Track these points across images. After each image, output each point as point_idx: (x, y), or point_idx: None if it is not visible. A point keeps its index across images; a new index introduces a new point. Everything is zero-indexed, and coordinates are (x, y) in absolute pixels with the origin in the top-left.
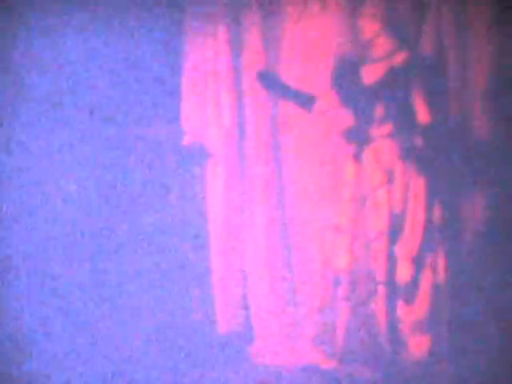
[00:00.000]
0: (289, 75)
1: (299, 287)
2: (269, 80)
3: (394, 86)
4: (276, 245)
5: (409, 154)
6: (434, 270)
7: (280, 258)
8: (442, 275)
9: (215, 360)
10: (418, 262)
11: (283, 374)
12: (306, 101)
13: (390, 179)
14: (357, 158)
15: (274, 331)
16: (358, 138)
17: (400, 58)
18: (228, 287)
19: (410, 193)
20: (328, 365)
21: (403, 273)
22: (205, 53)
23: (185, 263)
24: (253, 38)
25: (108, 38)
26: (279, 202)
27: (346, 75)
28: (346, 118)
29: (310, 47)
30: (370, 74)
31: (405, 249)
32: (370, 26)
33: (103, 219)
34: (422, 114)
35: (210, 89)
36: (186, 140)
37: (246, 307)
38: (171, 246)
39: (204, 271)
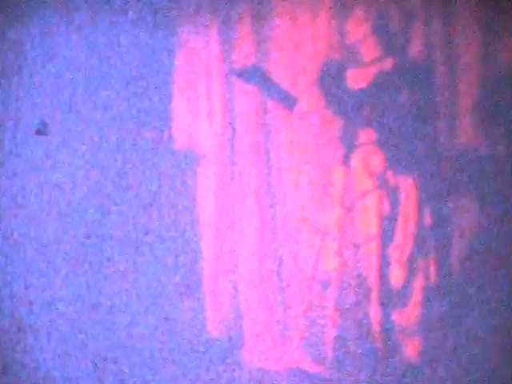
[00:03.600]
0: (276, 75)
1: (289, 290)
2: (254, 74)
3: (382, 90)
4: (266, 248)
5: (399, 158)
6: (426, 274)
7: (270, 262)
8: (433, 279)
9: (204, 363)
10: (409, 266)
11: (272, 378)
12: (288, 100)
13: (380, 184)
14: (346, 162)
15: (264, 334)
16: (348, 142)
17: (388, 62)
18: (218, 291)
19: (400, 197)
20: (317, 369)
21: (395, 277)
22: (196, 55)
23: (175, 266)
24: (243, 39)
25: (94, 39)
26: (270, 206)
27: (333, 79)
28: (335, 122)
29: (298, 49)
30: (358, 79)
31: (396, 253)
32: (358, 30)
33: (94, 222)
34: (411, 118)
35: (201, 92)
36: (177, 143)
37: (236, 310)
38: (161, 250)
39: (194, 274)
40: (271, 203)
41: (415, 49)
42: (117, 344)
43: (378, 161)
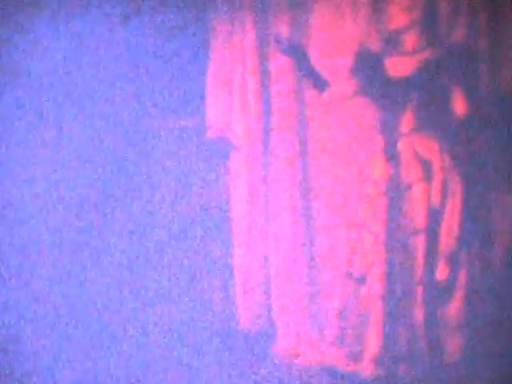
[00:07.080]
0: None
1: (324, 285)
2: (295, 49)
3: (426, 79)
4: (300, 241)
5: (445, 148)
6: (470, 269)
7: (304, 255)
8: (477, 275)
9: (236, 358)
10: (453, 261)
11: (305, 375)
12: (319, 82)
13: (425, 175)
14: (388, 152)
15: (296, 330)
16: (390, 132)
17: (432, 50)
18: (250, 285)
19: (446, 189)
20: (351, 367)
21: (438, 271)
22: (230, 45)
23: (207, 258)
24: (280, 25)
25: (129, 26)
26: (304, 197)
27: (374, 66)
28: (376, 110)
29: (338, 36)
30: (401, 66)
31: (440, 247)
32: (400, 18)
33: (125, 209)
34: (458, 108)
35: (236, 81)
36: (210, 133)
37: (269, 305)
38: (193, 240)
39: (226, 266)
40: (306, 194)
41: (460, 35)
42: (142, 337)
43: (423, 151)
